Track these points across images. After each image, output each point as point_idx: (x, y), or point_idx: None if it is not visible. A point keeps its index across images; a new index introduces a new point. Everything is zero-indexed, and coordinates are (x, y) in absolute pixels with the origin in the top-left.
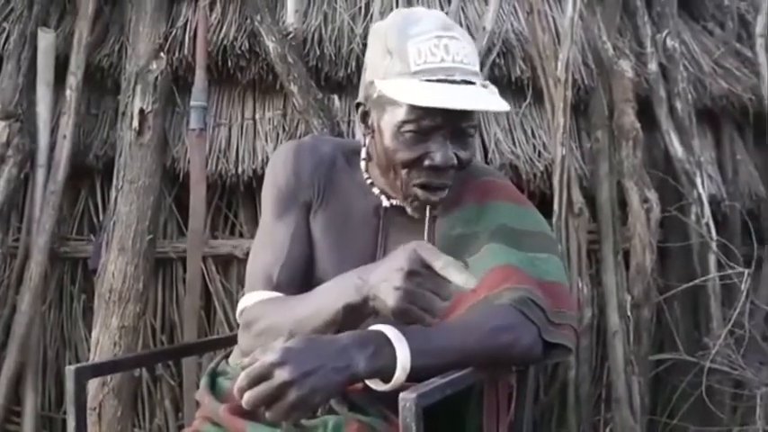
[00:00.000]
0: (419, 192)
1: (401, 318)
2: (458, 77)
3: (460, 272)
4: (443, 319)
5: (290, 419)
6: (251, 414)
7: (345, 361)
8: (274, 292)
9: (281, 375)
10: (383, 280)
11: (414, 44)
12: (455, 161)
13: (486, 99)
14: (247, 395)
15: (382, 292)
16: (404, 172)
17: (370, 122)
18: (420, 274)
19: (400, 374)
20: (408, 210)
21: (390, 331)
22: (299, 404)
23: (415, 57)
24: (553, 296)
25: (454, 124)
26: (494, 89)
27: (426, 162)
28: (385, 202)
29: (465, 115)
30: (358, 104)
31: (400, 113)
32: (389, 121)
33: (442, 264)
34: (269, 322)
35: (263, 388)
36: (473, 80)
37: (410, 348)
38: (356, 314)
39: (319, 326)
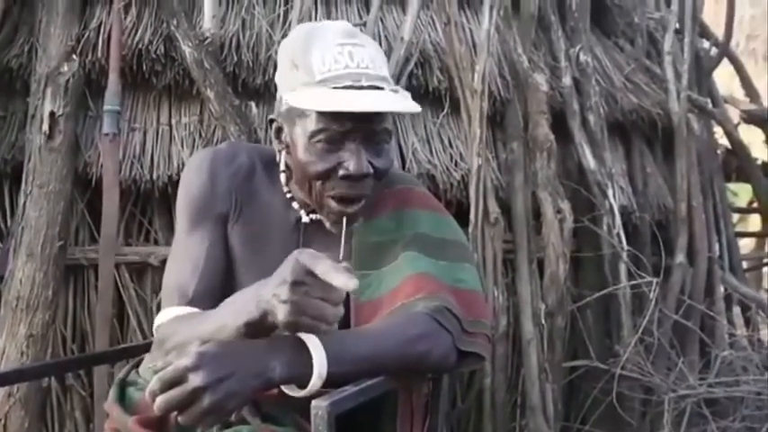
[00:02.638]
0: (333, 204)
1: (294, 330)
2: (364, 83)
3: (340, 274)
4: (363, 325)
5: (203, 425)
6: (160, 426)
7: (261, 366)
8: (189, 307)
9: (195, 380)
10: (273, 294)
11: (317, 54)
12: (370, 170)
13: (393, 101)
14: (159, 400)
15: (273, 307)
16: (318, 183)
17: (283, 137)
18: (305, 283)
19: (316, 381)
20: (326, 224)
21: (307, 337)
22: (213, 409)
23: (319, 66)
24: (468, 304)
25: (365, 130)
26: (406, 94)
27: (341, 172)
28: (304, 218)
29: (375, 120)
30: (271, 121)
31: (309, 124)
32: (300, 133)
33: (322, 269)
34: (178, 340)
35: (176, 392)
36: (381, 85)
37: (327, 355)
38: (258, 330)
39: None
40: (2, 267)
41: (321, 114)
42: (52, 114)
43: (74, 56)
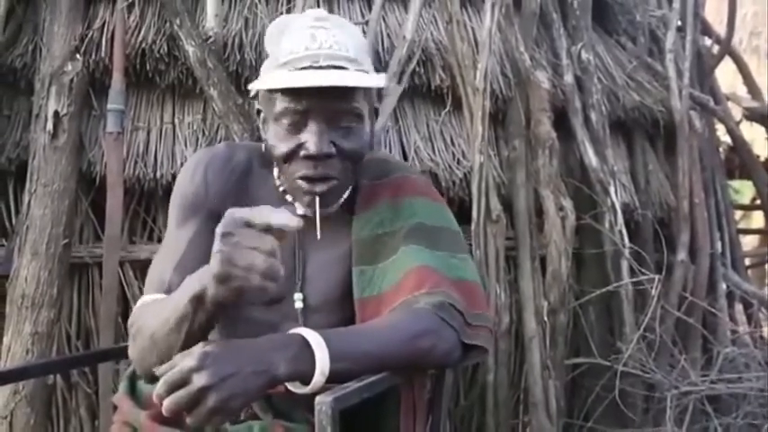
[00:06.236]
0: (301, 183)
1: (227, 285)
2: (322, 62)
3: (280, 213)
4: (367, 320)
5: (211, 424)
6: (173, 421)
7: (264, 365)
8: (163, 294)
9: (200, 380)
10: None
11: (286, 40)
12: (332, 149)
13: (345, 77)
14: (166, 402)
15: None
16: (285, 166)
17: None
18: (234, 234)
19: (319, 378)
20: (300, 209)
21: (310, 335)
22: (219, 409)
23: (285, 50)
24: (470, 297)
25: (326, 110)
26: (380, 76)
27: (302, 152)
28: (299, 210)
29: (336, 99)
30: (258, 111)
31: (274, 107)
32: (268, 118)
33: (259, 211)
34: (140, 324)
35: (181, 394)
36: (344, 65)
37: (329, 352)
38: (204, 304)
39: (173, 323)
40: (7, 266)
41: (282, 96)
42: (56, 114)
43: (77, 55)
